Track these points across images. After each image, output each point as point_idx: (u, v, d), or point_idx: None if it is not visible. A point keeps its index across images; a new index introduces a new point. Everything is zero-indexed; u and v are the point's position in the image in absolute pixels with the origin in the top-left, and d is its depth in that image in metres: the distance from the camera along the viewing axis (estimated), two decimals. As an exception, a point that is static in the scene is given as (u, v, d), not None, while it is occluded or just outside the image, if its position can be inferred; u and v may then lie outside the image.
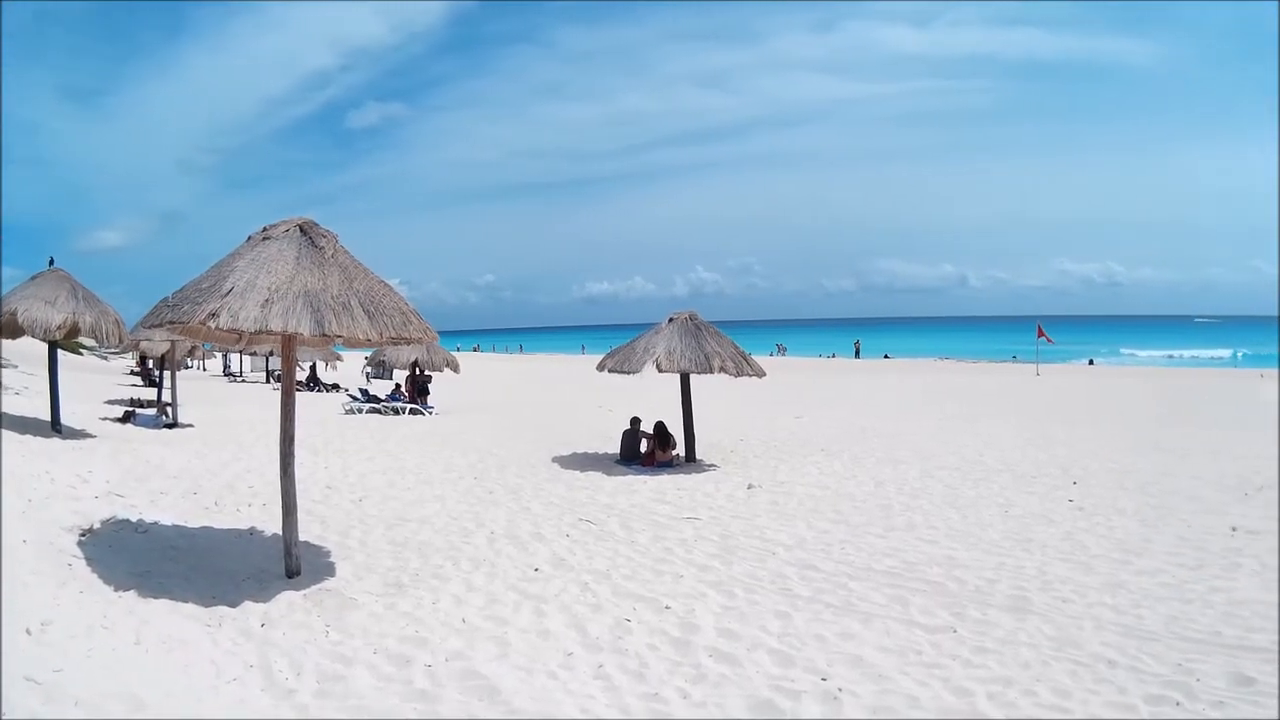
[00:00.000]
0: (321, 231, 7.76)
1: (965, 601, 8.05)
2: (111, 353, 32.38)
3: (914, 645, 6.91)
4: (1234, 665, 6.50)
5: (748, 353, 15.28)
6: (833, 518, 11.00)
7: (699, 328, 14.82)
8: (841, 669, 6.35)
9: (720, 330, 15.18)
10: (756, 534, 10.07)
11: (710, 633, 6.85)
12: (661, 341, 14.54)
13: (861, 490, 12.80)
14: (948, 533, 10.59)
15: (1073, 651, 6.87)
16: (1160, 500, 12.52)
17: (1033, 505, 12.29)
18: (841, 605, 7.77)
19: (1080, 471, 15.06)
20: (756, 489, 12.67)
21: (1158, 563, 9.32)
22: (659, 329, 14.94)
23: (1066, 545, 10.11)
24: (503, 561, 8.73)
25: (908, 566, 9.04)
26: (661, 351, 14.28)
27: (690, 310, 15.04)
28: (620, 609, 7.37)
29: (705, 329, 14.86)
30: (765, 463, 15.06)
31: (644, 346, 14.65)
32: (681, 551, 9.26)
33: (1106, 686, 6.21)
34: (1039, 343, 50.17)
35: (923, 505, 12.10)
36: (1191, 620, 7.53)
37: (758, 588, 8.09)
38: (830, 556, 9.17)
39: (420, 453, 15.79)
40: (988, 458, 16.51)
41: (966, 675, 6.35)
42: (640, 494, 12.31)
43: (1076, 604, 8.03)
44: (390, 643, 6.43)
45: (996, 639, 7.13)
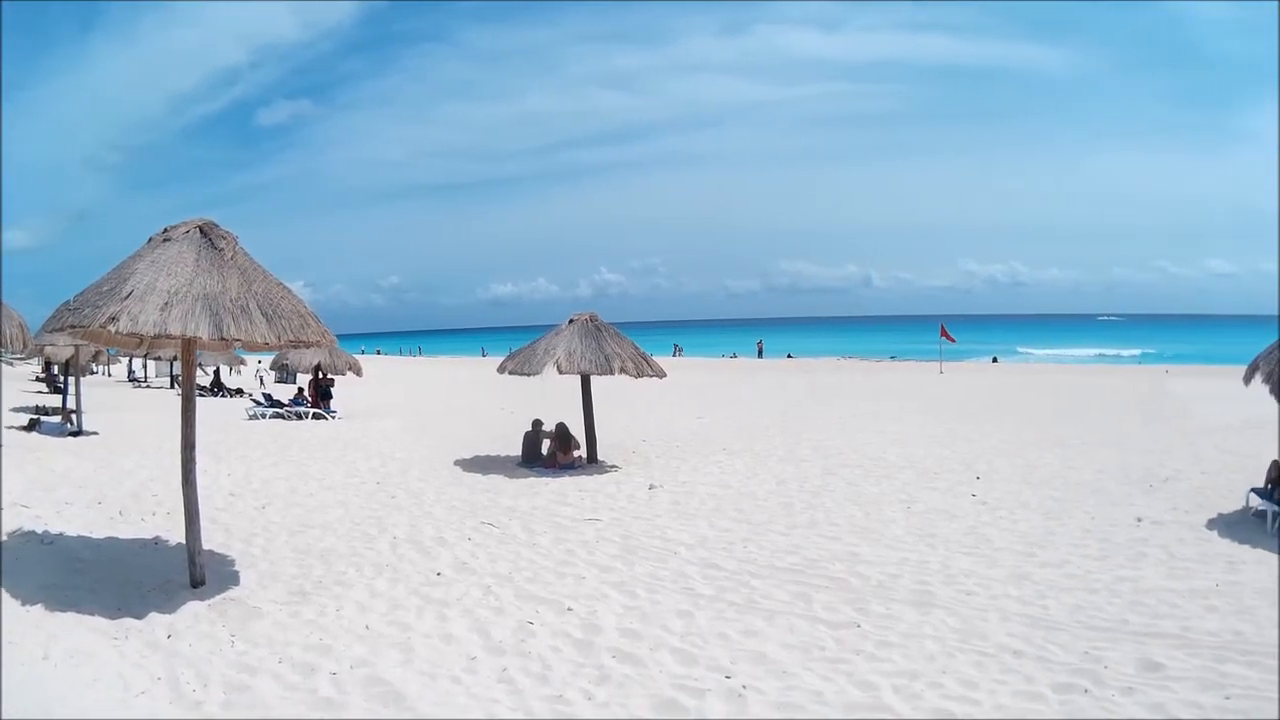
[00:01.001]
0: (221, 233, 8.82)
1: (868, 597, 9.19)
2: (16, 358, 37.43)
3: (818, 641, 7.89)
4: (1142, 652, 7.73)
5: (648, 353, 17.60)
6: (734, 516, 12.55)
7: (599, 329, 16.95)
8: (745, 666, 7.13)
9: (621, 331, 17.37)
10: (658, 534, 11.50)
11: (613, 633, 7.83)
12: (562, 343, 16.56)
13: (763, 489, 14.59)
14: (850, 529, 12.04)
15: (978, 643, 7.96)
16: (1064, 494, 14.46)
17: (936, 501, 13.96)
18: (744, 603, 8.67)
19: (984, 467, 17.11)
20: (658, 489, 14.42)
21: (1062, 554, 10.86)
22: (559, 331, 17.03)
23: (970, 539, 11.62)
24: (405, 566, 9.91)
25: (810, 563, 10.29)
26: (562, 353, 16.30)
27: (591, 312, 17.27)
28: (523, 612, 8.40)
29: (605, 330, 17.02)
30: (667, 463, 17.21)
31: (544, 348, 16.65)
32: (583, 553, 10.57)
33: (1013, 676, 7.25)
34: (942, 342, 55.59)
35: (825, 503, 13.55)
36: (1098, 609, 8.85)
37: (660, 587, 9.22)
38: (732, 555, 10.48)
39: (323, 458, 17.73)
40: (890, 455, 18.54)
41: (871, 669, 7.30)
42: (542, 496, 13.96)
43: (981, 596, 9.27)
44: (295, 651, 7.30)
45: (901, 633, 8.18)
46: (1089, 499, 14.05)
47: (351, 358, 28.09)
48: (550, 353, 16.48)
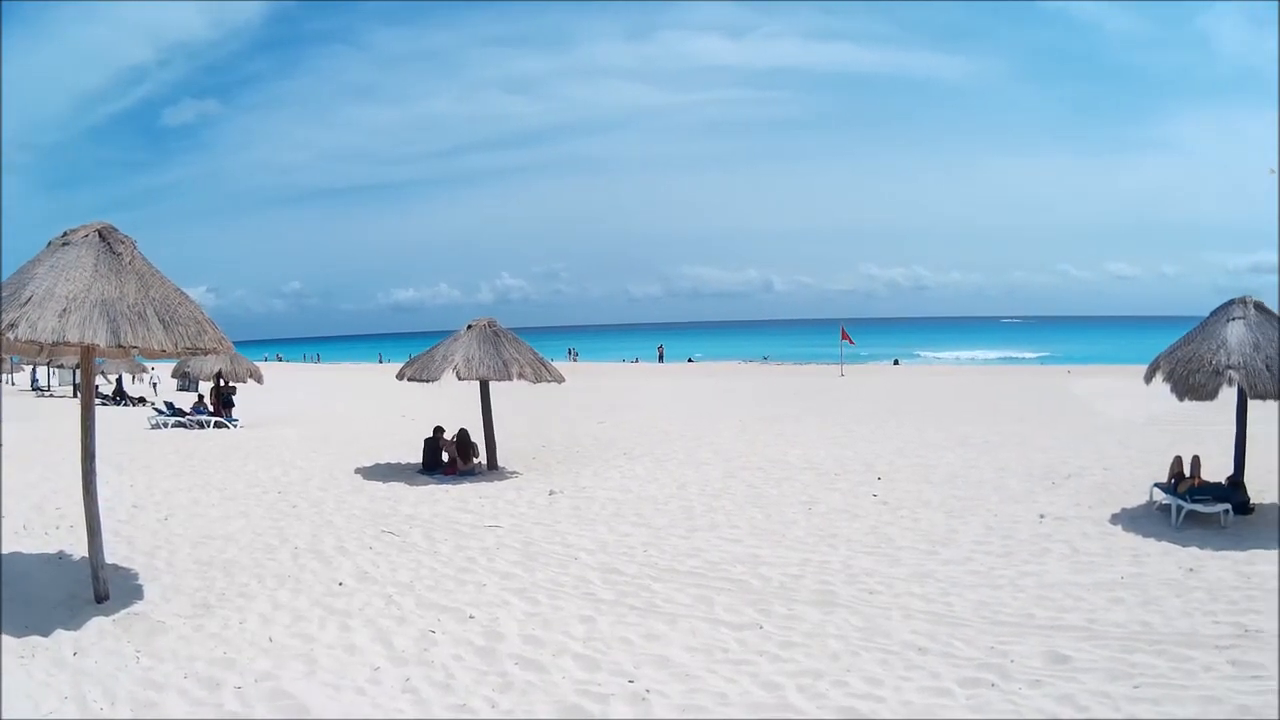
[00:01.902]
0: (120, 238, 9.07)
1: (770, 598, 9.51)
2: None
3: (720, 643, 8.17)
4: (1049, 645, 8.08)
5: (547, 359, 18.41)
6: (635, 521, 13.15)
7: (497, 334, 17.75)
8: (649, 670, 7.43)
9: (519, 337, 18.21)
10: (559, 539, 12.00)
11: (515, 640, 8.16)
12: (460, 349, 17.31)
13: (664, 493, 15.28)
14: (751, 531, 12.49)
15: (882, 641, 8.24)
16: (966, 492, 15.10)
17: (837, 501, 14.47)
18: (646, 607, 9.08)
19: (885, 467, 17.74)
20: (558, 495, 15.04)
21: (965, 552, 11.36)
22: (458, 336, 17.79)
23: (872, 539, 12.07)
24: (307, 577, 10.24)
25: (711, 566, 10.69)
26: (460, 359, 17.06)
27: (489, 318, 18.04)
28: (425, 620, 8.71)
29: (504, 336, 17.81)
30: (568, 468, 17.92)
31: (443, 354, 17.39)
32: (484, 560, 10.99)
33: (919, 673, 7.51)
34: (842, 344, 57.79)
35: (725, 505, 14.17)
36: (1002, 605, 9.24)
37: (561, 593, 9.61)
38: (633, 559, 10.99)
39: (225, 468, 18.20)
40: (791, 457, 19.19)
41: (775, 670, 7.55)
42: (442, 503, 14.48)
43: (884, 595, 9.62)
44: (200, 666, 7.52)
45: (803, 633, 8.46)
46: (991, 497, 14.68)
47: (252, 365, 28.94)
48: (449, 359, 17.12)
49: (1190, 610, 8.97)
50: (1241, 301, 13.17)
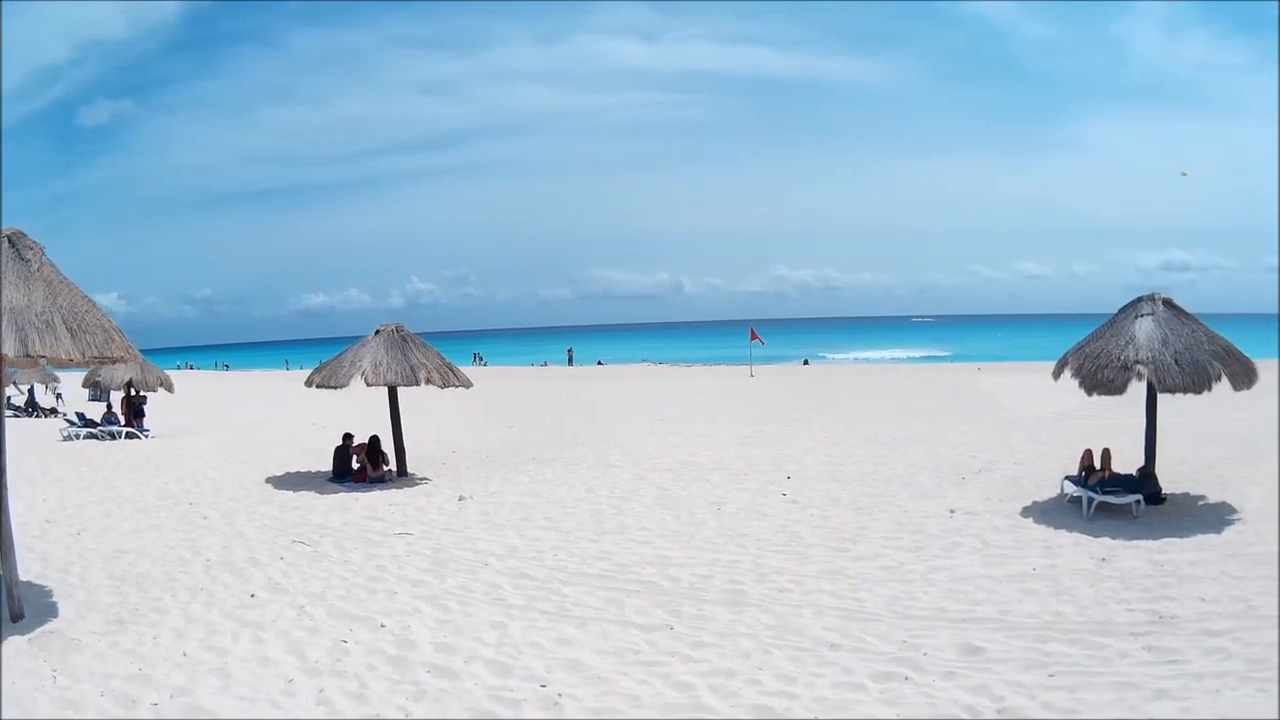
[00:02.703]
0: (29, 243, 9.11)
1: (680, 599, 9.76)
2: None
3: (631, 645, 8.40)
4: (962, 637, 8.35)
5: (454, 363, 18.78)
6: (544, 525, 13.47)
7: (405, 339, 18.10)
8: (561, 674, 7.65)
9: (426, 341, 18.61)
10: (469, 545, 12.28)
11: (427, 648, 8.36)
12: (368, 354, 17.67)
13: (573, 496, 15.66)
14: (660, 533, 12.78)
15: (794, 639, 8.45)
16: (876, 489, 15.50)
17: (746, 501, 14.76)
18: (556, 611, 9.34)
19: (794, 466, 18.11)
20: (468, 500, 15.37)
21: (875, 548, 11.68)
22: (365, 342, 18.12)
23: (781, 537, 12.35)
24: (220, 589, 10.36)
25: (620, 569, 10.98)
26: (368, 365, 17.41)
27: (396, 322, 18.41)
28: (337, 630, 8.90)
29: (411, 341, 18.17)
30: (477, 474, 18.30)
31: (350, 360, 17.74)
32: (394, 568, 11.24)
33: (831, 668, 7.71)
34: (752, 345, 58.88)
35: (634, 508, 14.49)
36: (914, 599, 9.53)
37: (471, 599, 9.85)
38: (543, 564, 11.30)
39: (137, 479, 18.28)
40: (701, 458, 19.52)
41: (686, 670, 7.76)
42: (353, 511, 14.75)
43: (794, 593, 9.87)
44: (116, 683, 7.59)
45: (714, 632, 8.67)
46: (901, 493, 15.10)
47: (163, 374, 29.12)
48: (357, 364, 17.46)
49: (1104, 599, 9.32)
50: (1150, 298, 13.76)
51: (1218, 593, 9.40)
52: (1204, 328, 13.40)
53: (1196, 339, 13.08)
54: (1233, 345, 13.36)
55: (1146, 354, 12.86)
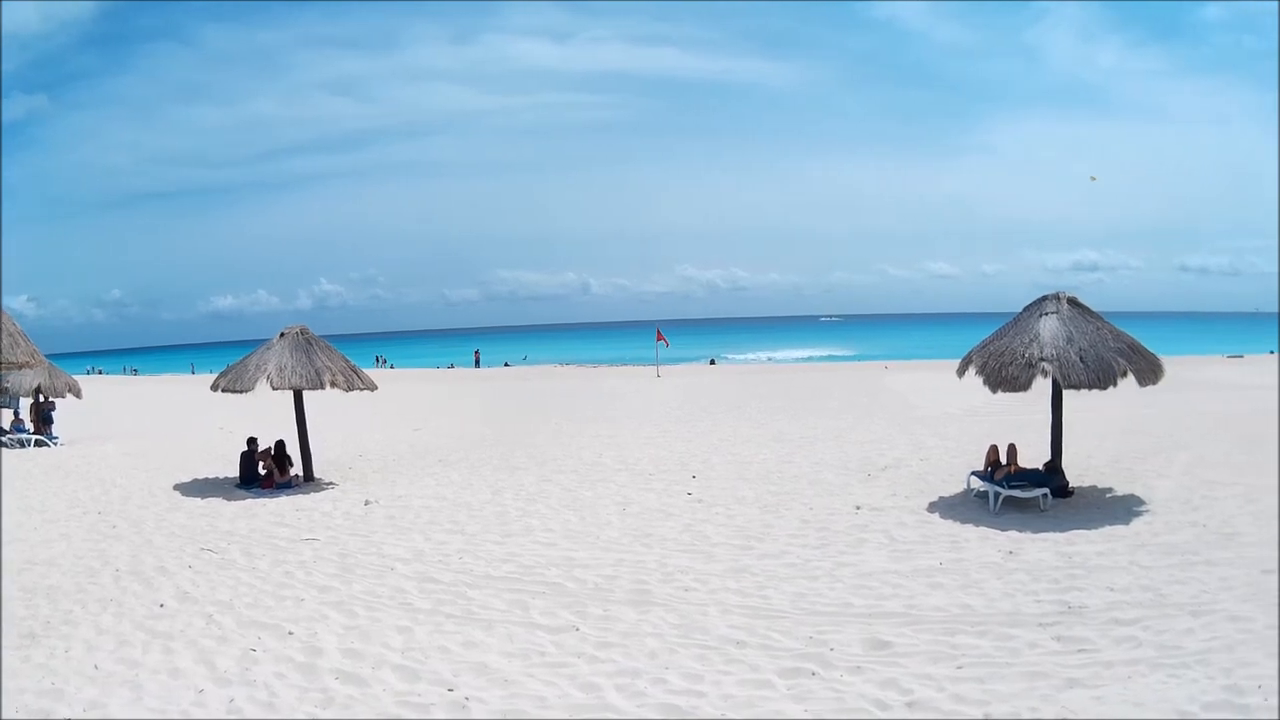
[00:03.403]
0: None
1: (586, 600, 9.91)
2: None
3: (538, 647, 8.56)
4: (868, 632, 8.56)
5: (359, 366, 19.12)
6: (450, 528, 13.65)
7: (310, 342, 18.30)
8: (468, 678, 7.77)
9: (331, 344, 18.90)
10: (375, 550, 12.45)
11: (335, 655, 8.47)
12: (273, 358, 17.79)
13: (478, 499, 15.87)
14: (565, 534, 12.96)
15: (700, 637, 8.59)
16: (781, 487, 15.79)
17: (651, 501, 14.97)
18: (462, 615, 9.48)
19: (700, 466, 18.36)
20: (374, 505, 15.58)
21: (780, 545, 11.92)
22: (270, 345, 18.24)
23: (687, 537, 12.54)
24: (130, 600, 10.41)
25: (526, 570, 11.14)
26: (273, 368, 17.52)
27: (301, 325, 18.59)
28: (246, 639, 8.95)
29: (316, 343, 18.38)
30: (383, 477, 18.58)
31: (256, 364, 17.81)
32: (301, 574, 11.34)
33: (738, 666, 7.85)
34: (658, 345, 59.46)
35: (540, 509, 14.72)
36: (820, 595, 9.74)
37: (378, 605, 9.97)
38: (449, 567, 11.46)
39: (45, 488, 18.46)
40: (606, 458, 19.76)
41: (593, 671, 7.90)
42: (260, 518, 14.85)
43: (700, 592, 10.03)
44: (29, 699, 7.60)
45: (620, 633, 8.83)
46: (807, 491, 15.42)
47: (71, 379, 29.06)
48: (262, 368, 17.56)
49: (1012, 591, 9.64)
50: (1055, 297, 14.27)
51: (1127, 582, 9.78)
52: (1109, 325, 13.91)
53: (1101, 336, 13.58)
54: (1138, 342, 13.92)
55: (1051, 351, 13.31)
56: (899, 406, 29.71)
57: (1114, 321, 14.17)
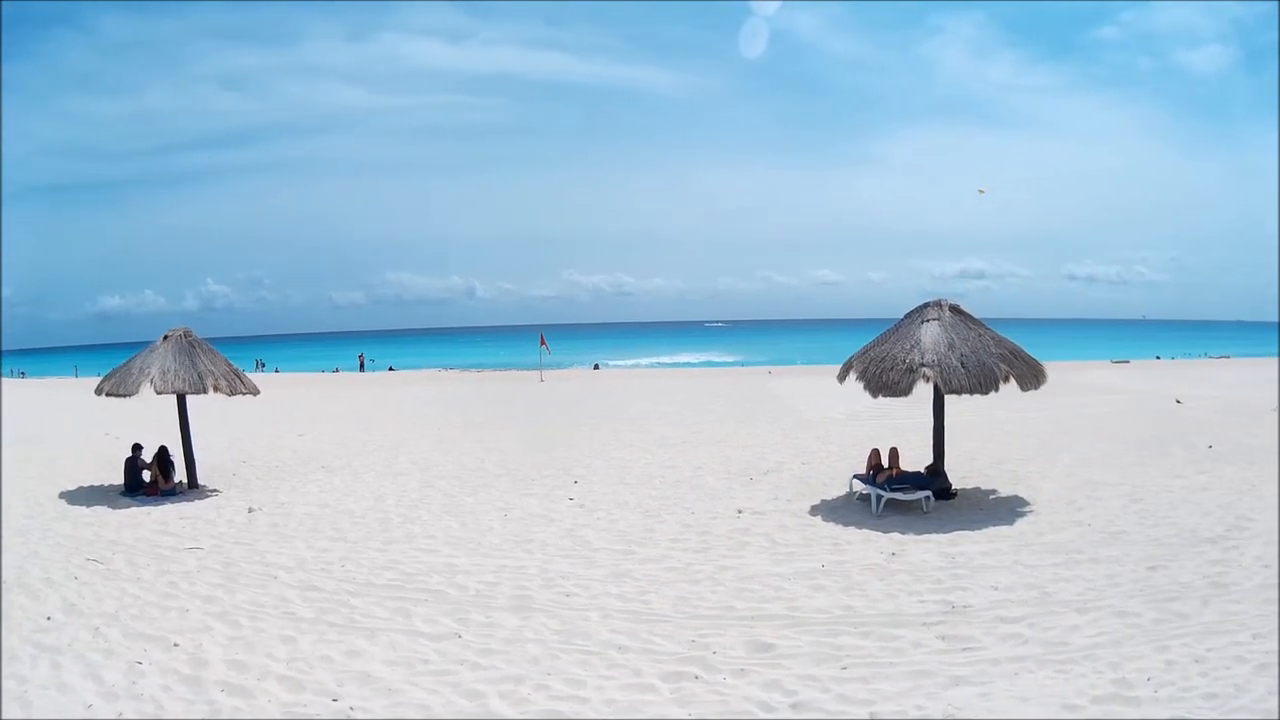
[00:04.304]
0: None
1: (468, 606, 9.92)
2: None
3: (420, 655, 8.55)
4: (751, 634, 8.67)
5: (242, 370, 19.15)
6: (332, 535, 13.66)
7: (193, 345, 18.15)
8: (352, 687, 7.81)
9: (214, 347, 18.71)
10: (258, 559, 12.41)
11: (220, 666, 8.43)
12: (156, 361, 17.57)
13: (361, 505, 15.87)
14: (447, 541, 12.95)
15: (581, 642, 8.64)
16: (663, 492, 15.96)
17: (533, 506, 14.99)
18: (345, 623, 9.51)
19: (582, 471, 18.40)
20: (257, 512, 15.50)
21: (662, 550, 12.04)
22: (154, 348, 18.02)
23: (568, 542, 12.58)
24: (16, 613, 10.18)
25: (408, 578, 11.13)
26: (156, 372, 17.31)
27: (184, 327, 18.45)
28: (132, 652, 8.86)
29: (199, 346, 18.25)
30: (267, 484, 18.46)
31: (139, 367, 17.57)
32: (186, 584, 11.22)
33: (620, 670, 7.90)
34: (541, 350, 59.54)
35: (422, 516, 14.74)
36: (701, 599, 9.85)
37: (262, 614, 9.94)
38: (331, 575, 11.46)
39: None
40: (488, 464, 19.70)
41: (476, 678, 7.91)
42: (144, 526, 14.63)
43: (581, 597, 10.10)
44: None
45: (502, 639, 8.85)
46: (688, 495, 15.60)
47: None
48: (145, 372, 17.33)
49: (895, 592, 9.86)
50: (937, 304, 14.66)
51: (1011, 581, 10.11)
52: (991, 332, 14.36)
53: (983, 343, 14.00)
54: (1020, 348, 14.40)
55: (932, 357, 13.67)
56: (782, 411, 30.16)
57: (1002, 328, 14.63)
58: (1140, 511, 13.29)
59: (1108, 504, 13.83)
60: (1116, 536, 11.95)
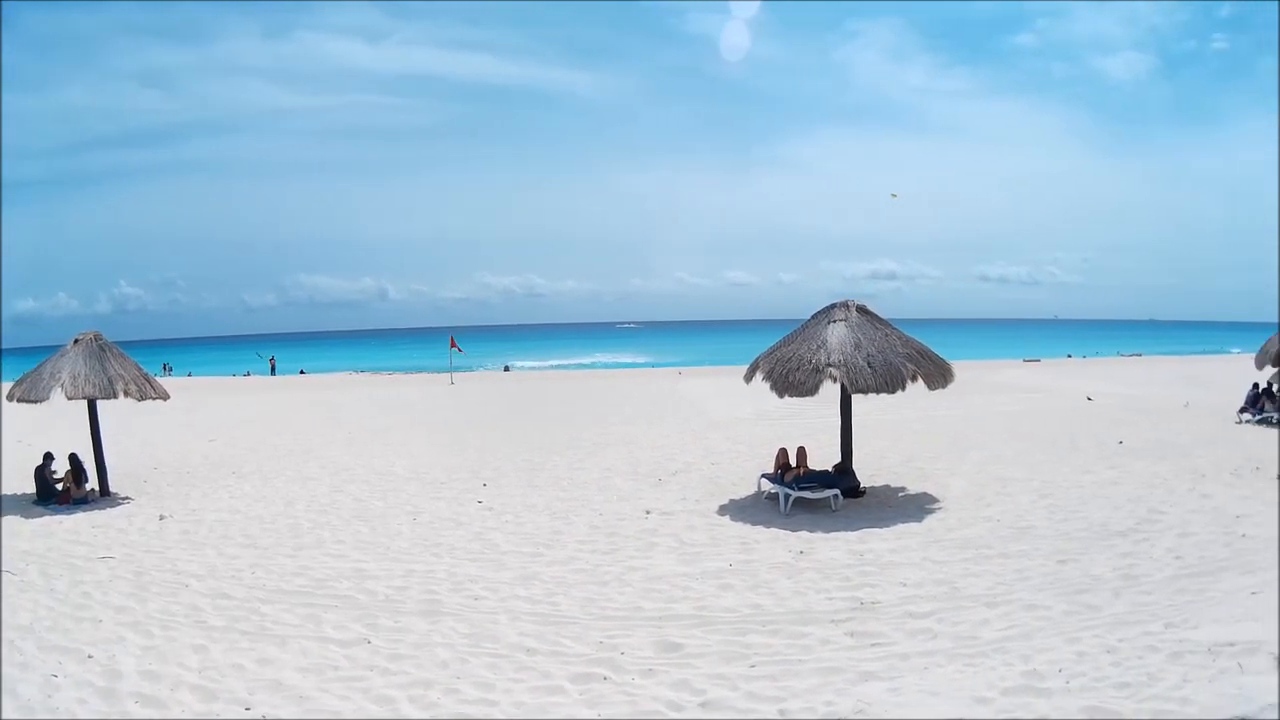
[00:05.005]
0: None
1: (377, 611, 9.88)
2: None
3: (331, 661, 8.51)
4: (659, 635, 8.73)
5: (151, 374, 18.78)
6: (242, 542, 13.53)
7: (104, 349, 17.83)
8: (264, 695, 7.75)
9: (124, 352, 18.43)
10: (169, 567, 12.27)
11: (134, 677, 8.32)
12: (66, 365, 17.33)
13: (271, 511, 15.75)
14: (356, 545, 12.89)
15: (490, 645, 8.65)
16: (572, 493, 16.01)
17: (442, 510, 14.95)
18: (257, 631, 9.45)
19: (491, 473, 18.38)
20: (169, 519, 15.27)
21: (569, 552, 12.10)
22: (64, 352, 17.80)
23: (477, 545, 12.58)
24: None
25: (318, 584, 11.10)
26: (66, 376, 17.09)
27: (94, 331, 18.18)
28: (46, 665, 8.74)
29: (110, 350, 17.93)
30: (178, 490, 18.24)
31: (50, 372, 17.35)
32: (98, 594, 11.07)
33: (529, 673, 7.90)
34: (452, 352, 59.23)
35: (331, 521, 14.70)
36: (609, 600, 9.91)
37: (174, 623, 9.85)
38: (242, 582, 11.37)
39: None
40: (398, 468, 19.63)
41: (386, 683, 7.89)
42: (57, 536, 14.45)
43: (490, 600, 10.09)
44: None
45: (411, 644, 8.83)
46: (596, 497, 15.68)
47: None
48: (55, 376, 17.14)
49: (803, 590, 9.99)
50: (844, 305, 14.88)
51: (920, 577, 10.29)
52: (897, 332, 14.62)
53: (890, 343, 14.25)
54: (927, 348, 14.70)
55: (838, 357, 13.87)
56: (692, 412, 30.38)
57: (913, 328, 14.92)
58: (1050, 506, 13.65)
59: (1017, 500, 14.20)
60: (1026, 531, 12.25)
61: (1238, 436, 20.66)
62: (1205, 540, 11.42)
